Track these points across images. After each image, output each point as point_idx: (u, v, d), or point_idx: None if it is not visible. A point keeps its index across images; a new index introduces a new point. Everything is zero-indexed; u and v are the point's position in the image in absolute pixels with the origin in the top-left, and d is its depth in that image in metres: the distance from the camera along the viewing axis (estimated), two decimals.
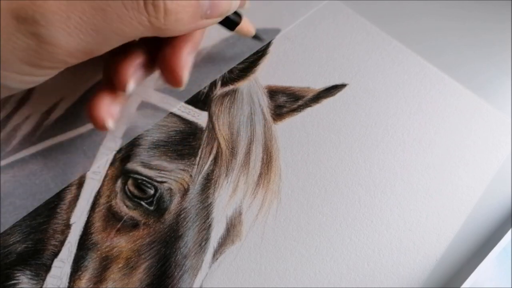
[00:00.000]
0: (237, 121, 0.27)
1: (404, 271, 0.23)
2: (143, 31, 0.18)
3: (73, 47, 0.16)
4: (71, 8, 0.16)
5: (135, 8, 0.17)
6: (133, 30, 0.17)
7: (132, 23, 0.17)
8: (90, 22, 0.16)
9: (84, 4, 0.16)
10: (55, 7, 0.15)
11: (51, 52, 0.16)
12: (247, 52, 0.30)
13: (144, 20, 0.17)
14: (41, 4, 0.15)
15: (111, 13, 0.16)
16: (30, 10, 0.15)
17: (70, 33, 0.16)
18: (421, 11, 0.33)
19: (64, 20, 0.16)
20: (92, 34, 0.16)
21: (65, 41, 0.16)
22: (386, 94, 0.28)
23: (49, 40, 0.16)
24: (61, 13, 0.16)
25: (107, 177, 0.24)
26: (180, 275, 0.22)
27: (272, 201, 0.24)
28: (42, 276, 0.21)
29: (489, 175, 0.26)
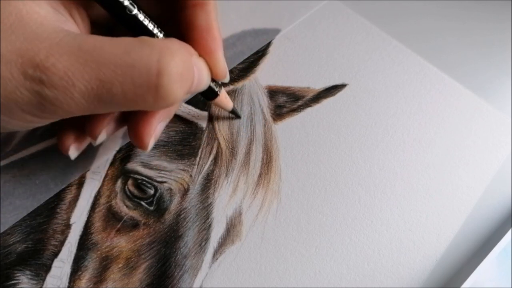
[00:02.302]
0: (237, 121, 0.27)
1: (404, 271, 0.23)
2: (142, 108, 0.18)
3: (74, 109, 0.17)
4: (77, 76, 0.16)
5: (143, 87, 0.17)
6: (134, 105, 0.17)
7: (136, 101, 0.17)
8: (94, 91, 0.16)
9: (92, 74, 0.16)
10: (62, 72, 0.16)
11: (53, 111, 0.17)
12: (247, 52, 0.30)
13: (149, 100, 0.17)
14: (50, 67, 0.15)
15: (117, 88, 0.16)
16: (38, 70, 0.15)
17: (72, 98, 0.16)
18: (421, 11, 0.33)
19: (69, 87, 0.16)
20: (94, 102, 0.17)
21: (67, 104, 0.16)
22: (386, 94, 0.28)
23: (52, 101, 0.16)
24: (67, 79, 0.16)
25: (107, 177, 0.24)
26: (180, 275, 0.22)
27: (272, 201, 0.24)
28: (42, 276, 0.21)
29: (489, 175, 0.26)
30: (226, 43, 0.29)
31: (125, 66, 0.16)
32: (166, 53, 0.17)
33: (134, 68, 0.16)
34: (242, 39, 0.30)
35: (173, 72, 0.17)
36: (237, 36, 0.29)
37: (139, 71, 0.16)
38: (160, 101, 0.17)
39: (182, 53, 0.18)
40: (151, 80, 0.17)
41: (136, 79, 0.16)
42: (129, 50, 0.16)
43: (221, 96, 0.23)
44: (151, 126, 0.20)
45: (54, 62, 0.15)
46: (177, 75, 0.17)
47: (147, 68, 0.16)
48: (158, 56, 0.17)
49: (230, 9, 0.32)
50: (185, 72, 0.18)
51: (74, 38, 0.16)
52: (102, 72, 0.16)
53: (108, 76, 0.16)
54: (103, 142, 0.25)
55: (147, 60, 0.16)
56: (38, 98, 0.16)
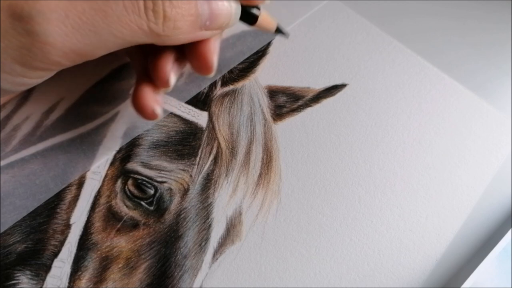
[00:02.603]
0: (237, 121, 0.27)
1: (404, 271, 0.23)
2: (142, 37, 0.18)
3: (68, 47, 0.16)
4: (70, 7, 0.15)
5: (135, 12, 0.17)
6: (131, 34, 0.17)
7: (131, 27, 0.17)
8: (89, 22, 0.16)
9: (84, 4, 0.16)
10: (53, 5, 0.15)
11: (45, 52, 0.16)
12: (247, 52, 0.30)
13: (143, 25, 0.17)
14: (39, 1, 0.15)
15: (112, 15, 0.16)
16: (27, 7, 0.15)
17: (67, 32, 0.16)
18: (421, 11, 0.33)
19: (62, 19, 0.15)
20: (89, 35, 0.16)
21: (61, 40, 0.16)
22: (386, 94, 0.28)
23: (44, 39, 0.15)
24: (59, 11, 0.15)
25: (107, 177, 0.24)
26: (180, 275, 0.22)
27: (272, 201, 0.24)
28: (42, 276, 0.21)
29: (489, 175, 0.26)
30: (226, 43, 0.29)
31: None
32: None
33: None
34: (242, 39, 0.30)
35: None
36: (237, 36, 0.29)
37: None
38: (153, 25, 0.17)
39: None
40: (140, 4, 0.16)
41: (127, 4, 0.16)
42: None
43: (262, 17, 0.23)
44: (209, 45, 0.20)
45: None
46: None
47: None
48: None
49: None
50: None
51: None
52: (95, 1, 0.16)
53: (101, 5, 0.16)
54: (103, 142, 0.25)
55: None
56: (29, 39, 0.15)
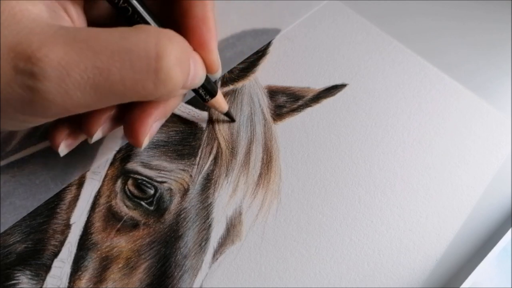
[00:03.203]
0: (237, 121, 0.27)
1: (404, 271, 0.23)
2: (143, 96, 0.17)
3: (68, 103, 0.16)
4: (72, 65, 0.15)
5: (143, 72, 0.16)
6: (134, 94, 0.17)
7: (135, 87, 0.16)
8: (90, 81, 0.16)
9: (88, 62, 0.15)
10: (55, 62, 0.15)
11: (45, 107, 0.16)
12: (247, 52, 0.30)
13: (149, 86, 0.17)
14: (42, 58, 0.15)
15: (115, 75, 0.16)
16: (30, 63, 0.15)
17: (67, 90, 0.15)
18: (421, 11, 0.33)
19: (63, 77, 0.15)
20: (90, 93, 0.16)
21: (61, 98, 0.16)
22: (386, 94, 0.28)
23: (44, 95, 0.15)
24: (61, 69, 0.15)
25: (107, 177, 0.24)
26: (180, 275, 0.22)
27: (272, 201, 0.24)
28: (42, 276, 0.21)
29: (489, 175, 0.26)
30: (226, 43, 0.29)
31: (123, 51, 0.16)
32: (163, 38, 0.17)
33: (132, 52, 0.16)
34: (242, 39, 0.30)
35: (172, 55, 0.16)
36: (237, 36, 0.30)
37: (138, 55, 0.16)
38: (160, 86, 0.17)
39: (179, 39, 0.17)
40: (150, 63, 0.16)
41: (134, 63, 0.16)
42: (126, 36, 0.16)
43: (218, 96, 0.23)
44: (147, 124, 0.20)
45: (47, 53, 0.15)
46: (176, 59, 0.17)
47: (146, 51, 0.16)
48: (155, 40, 0.16)
49: (230, 9, 0.32)
50: (183, 57, 0.17)
51: (68, 30, 0.16)
52: (99, 59, 0.15)
53: (105, 63, 0.15)
54: (103, 142, 0.25)
55: (145, 44, 0.16)
56: (30, 94, 0.15)
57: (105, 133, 0.21)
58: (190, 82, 0.19)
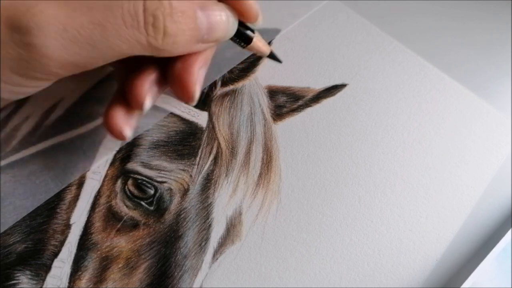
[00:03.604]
0: (237, 121, 0.27)
1: (404, 271, 0.23)
2: (140, 50, 0.17)
3: (66, 59, 0.16)
4: (69, 21, 0.15)
5: (134, 27, 0.16)
6: (130, 47, 0.17)
7: (129, 41, 0.17)
8: (87, 36, 0.16)
9: (83, 18, 0.16)
10: (51, 18, 0.15)
11: (43, 64, 0.16)
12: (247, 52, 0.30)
13: (142, 39, 0.17)
14: (37, 13, 0.15)
15: (110, 29, 0.16)
16: (25, 19, 0.15)
17: (64, 45, 0.16)
18: (421, 11, 0.33)
19: (61, 32, 0.15)
20: (88, 48, 0.16)
21: (59, 53, 0.16)
22: (386, 94, 0.28)
23: (42, 51, 0.15)
24: (58, 25, 0.15)
25: (107, 177, 0.24)
26: (180, 275, 0.22)
27: (272, 201, 0.24)
28: (42, 276, 0.21)
29: (489, 175, 0.26)
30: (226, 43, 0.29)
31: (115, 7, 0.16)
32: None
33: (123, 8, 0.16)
34: None
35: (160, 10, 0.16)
36: None
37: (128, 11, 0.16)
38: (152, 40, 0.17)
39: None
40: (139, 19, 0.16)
41: (126, 19, 0.16)
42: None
43: (255, 40, 0.22)
44: (193, 72, 0.20)
45: (42, 9, 0.15)
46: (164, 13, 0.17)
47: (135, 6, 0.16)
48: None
49: None
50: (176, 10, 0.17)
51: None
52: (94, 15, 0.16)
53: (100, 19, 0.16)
54: (103, 142, 0.25)
55: None
56: (27, 51, 0.15)
57: (154, 98, 0.21)
58: (208, 36, 0.19)
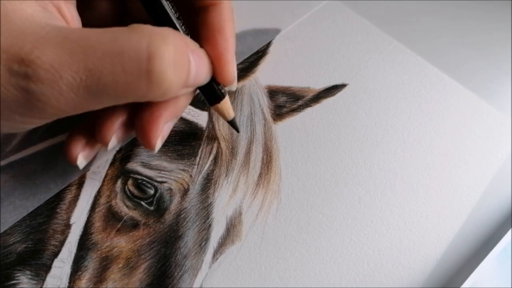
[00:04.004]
0: (237, 121, 0.27)
1: (404, 271, 0.23)
2: (137, 98, 0.17)
3: (63, 104, 0.16)
4: (64, 67, 0.15)
5: (135, 75, 0.16)
6: (127, 95, 0.17)
7: (127, 89, 0.16)
8: (83, 83, 0.15)
9: (79, 64, 0.15)
10: (48, 64, 0.15)
11: (40, 108, 0.16)
12: (247, 52, 0.30)
13: (142, 88, 0.16)
14: (35, 60, 0.15)
15: (107, 76, 0.16)
16: (23, 65, 0.15)
17: (60, 92, 0.15)
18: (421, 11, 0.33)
19: (56, 79, 0.15)
20: (83, 94, 0.16)
21: (55, 99, 0.16)
22: (386, 94, 0.28)
23: (39, 97, 0.15)
24: (53, 72, 0.15)
25: (107, 177, 0.24)
26: (180, 275, 0.22)
27: (272, 201, 0.24)
28: (42, 276, 0.21)
29: (489, 175, 0.26)
30: None
31: (114, 53, 0.16)
32: (156, 38, 0.16)
33: (123, 54, 0.16)
34: (242, 39, 0.30)
35: (165, 56, 0.16)
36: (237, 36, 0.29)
37: (129, 57, 0.16)
38: (153, 88, 0.17)
39: (174, 38, 0.17)
40: (141, 65, 0.16)
41: (126, 65, 0.16)
42: (117, 37, 0.16)
43: (224, 101, 0.22)
44: (157, 126, 0.20)
45: (39, 55, 0.15)
46: (169, 60, 0.16)
47: (137, 53, 0.16)
48: (148, 40, 0.16)
49: None
50: (178, 58, 0.17)
51: (60, 30, 0.16)
52: (90, 61, 0.15)
53: (96, 65, 0.15)
54: None
55: (136, 45, 0.16)
56: (25, 95, 0.15)
57: (119, 139, 0.21)
58: (193, 81, 0.19)
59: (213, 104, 0.22)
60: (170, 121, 0.21)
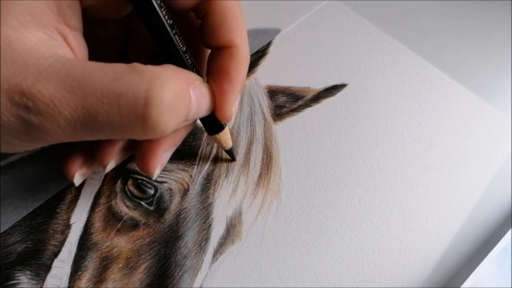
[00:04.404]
0: (237, 121, 0.27)
1: (404, 271, 0.23)
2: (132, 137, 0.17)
3: (61, 136, 0.16)
4: (63, 104, 0.15)
5: (130, 117, 0.16)
6: (122, 135, 0.17)
7: (124, 130, 0.16)
8: (80, 120, 0.16)
9: (78, 102, 0.15)
10: (48, 99, 0.15)
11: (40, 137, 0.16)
12: None
13: (137, 131, 0.17)
14: (36, 94, 0.15)
15: (103, 117, 0.16)
16: (24, 97, 0.15)
17: (59, 125, 0.16)
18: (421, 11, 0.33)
19: (55, 114, 0.15)
20: (81, 130, 0.16)
21: (54, 131, 0.16)
22: (386, 94, 0.28)
23: (39, 128, 0.16)
24: (53, 107, 0.15)
25: (107, 177, 0.24)
26: (180, 275, 0.22)
27: (272, 201, 0.24)
28: (42, 276, 0.21)
29: (489, 175, 0.26)
30: None
31: (112, 95, 0.16)
32: (156, 82, 0.16)
33: (121, 97, 0.16)
34: None
35: (163, 103, 0.16)
36: None
37: (126, 101, 0.16)
38: (148, 131, 0.17)
39: (174, 82, 0.17)
40: (138, 110, 0.16)
41: (122, 108, 0.16)
42: (118, 78, 0.16)
43: (223, 132, 0.22)
44: (156, 155, 0.20)
45: (40, 89, 0.15)
46: (166, 106, 0.16)
47: (135, 97, 0.16)
48: (147, 85, 0.16)
49: None
50: (176, 102, 0.17)
51: (63, 64, 0.16)
52: (88, 100, 0.15)
53: (94, 105, 0.16)
54: None
55: (135, 89, 0.16)
56: (25, 125, 0.16)
57: (117, 162, 0.22)
58: (193, 116, 0.19)
59: (212, 134, 0.22)
60: (169, 150, 0.21)
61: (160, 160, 0.20)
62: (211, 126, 0.22)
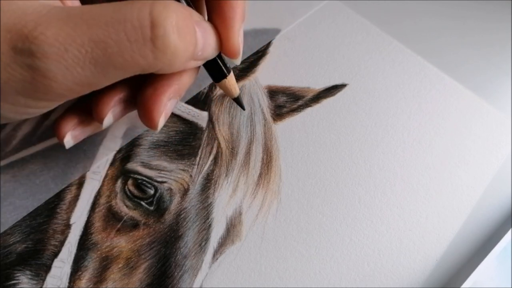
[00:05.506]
0: (237, 121, 0.27)
1: (404, 271, 0.23)
2: (144, 67, 0.17)
3: (70, 81, 0.16)
4: (69, 41, 0.15)
5: (139, 42, 0.16)
6: (134, 65, 0.17)
7: (134, 58, 0.16)
8: (89, 55, 0.15)
9: (84, 36, 0.15)
10: (52, 39, 0.15)
11: (47, 86, 0.16)
12: (247, 52, 0.30)
13: (148, 56, 0.16)
14: (38, 36, 0.15)
15: (112, 46, 0.16)
16: (27, 42, 0.15)
17: (67, 66, 0.15)
18: (421, 11, 0.33)
19: (62, 53, 0.15)
20: (90, 68, 0.16)
21: (62, 74, 0.15)
22: (386, 94, 0.28)
23: (45, 74, 0.15)
24: (58, 46, 0.15)
25: (107, 177, 0.24)
26: (180, 275, 0.22)
27: (272, 201, 0.24)
28: (42, 276, 0.21)
29: (489, 175, 0.26)
30: None
31: (116, 22, 0.15)
32: (158, 5, 0.16)
33: (126, 22, 0.16)
34: None
35: (168, 23, 0.16)
36: None
37: (132, 25, 0.16)
38: (159, 55, 0.16)
39: (176, 6, 0.17)
40: (145, 33, 0.16)
41: (129, 34, 0.16)
42: (119, 8, 0.16)
43: (229, 78, 0.22)
44: (160, 102, 0.19)
45: (43, 31, 0.15)
46: (173, 26, 0.16)
47: (140, 21, 0.16)
48: (150, 8, 0.16)
49: None
50: (181, 24, 0.17)
51: (62, 8, 0.16)
52: (94, 32, 0.15)
53: (101, 36, 0.15)
54: (103, 142, 0.25)
55: (139, 13, 0.16)
56: (30, 73, 0.15)
57: (116, 117, 0.21)
58: (201, 53, 0.19)
59: (219, 80, 0.22)
60: (173, 98, 0.20)
61: (164, 108, 0.20)
62: (217, 71, 0.21)
